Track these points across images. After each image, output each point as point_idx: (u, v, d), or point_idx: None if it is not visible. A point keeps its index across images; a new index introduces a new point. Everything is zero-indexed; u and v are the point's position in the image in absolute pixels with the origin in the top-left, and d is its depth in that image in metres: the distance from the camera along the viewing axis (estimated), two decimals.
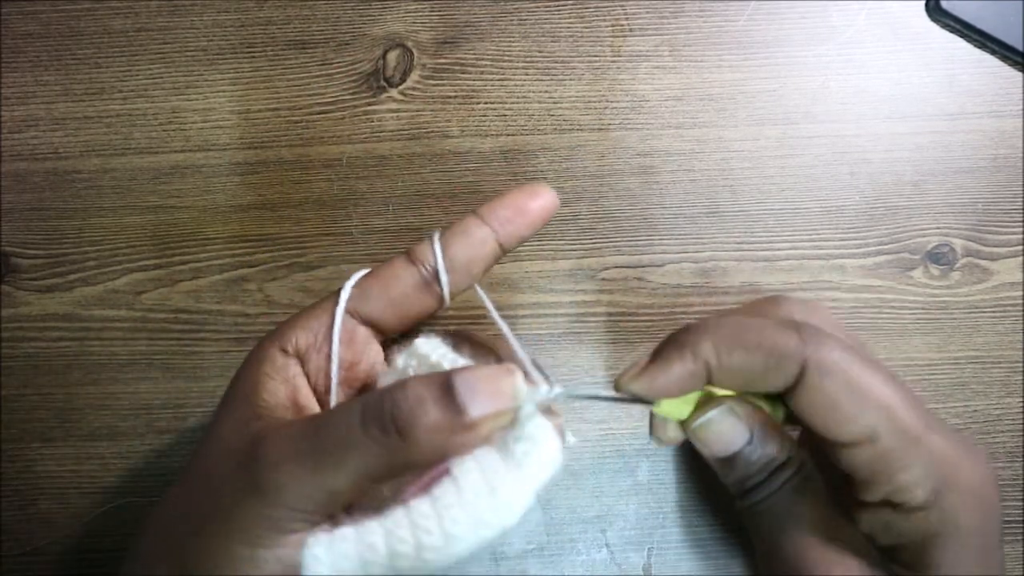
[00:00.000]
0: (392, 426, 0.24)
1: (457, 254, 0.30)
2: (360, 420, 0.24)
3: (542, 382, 0.26)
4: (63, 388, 0.43)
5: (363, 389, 0.32)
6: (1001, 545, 0.27)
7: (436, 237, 0.30)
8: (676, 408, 0.29)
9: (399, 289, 0.30)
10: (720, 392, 0.29)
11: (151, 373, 0.43)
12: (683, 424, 0.30)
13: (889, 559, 0.27)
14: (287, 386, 0.29)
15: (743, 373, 0.27)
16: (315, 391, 0.30)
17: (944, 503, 0.25)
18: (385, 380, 0.30)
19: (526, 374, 0.26)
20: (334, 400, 0.30)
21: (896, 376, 0.27)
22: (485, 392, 0.24)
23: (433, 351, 0.29)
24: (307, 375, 0.30)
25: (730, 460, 0.29)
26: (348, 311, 0.30)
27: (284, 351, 0.29)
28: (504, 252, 0.31)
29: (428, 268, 0.30)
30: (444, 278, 0.30)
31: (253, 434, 0.26)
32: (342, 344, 0.30)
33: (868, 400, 0.25)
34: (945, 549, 0.26)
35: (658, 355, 0.28)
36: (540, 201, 0.31)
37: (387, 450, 0.24)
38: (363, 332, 0.31)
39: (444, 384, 0.24)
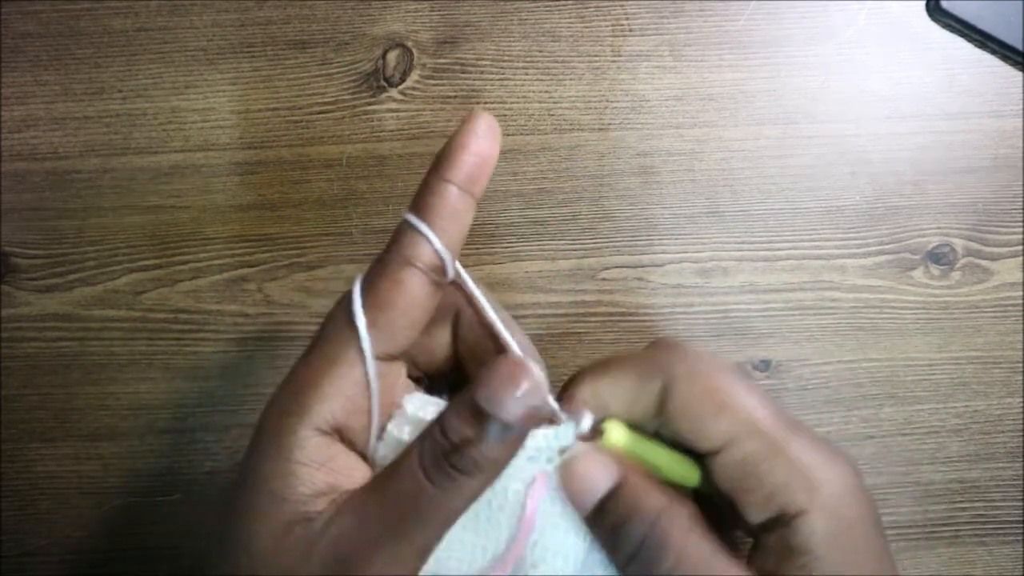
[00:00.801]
0: (457, 472, 0.24)
1: (453, 239, 0.27)
2: (425, 476, 0.24)
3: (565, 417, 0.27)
4: (63, 388, 0.43)
5: None
6: (887, 542, 0.27)
7: (429, 231, 0.26)
8: (617, 436, 0.28)
9: (420, 310, 0.27)
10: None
11: (151, 373, 0.43)
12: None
13: None
14: (323, 471, 0.25)
15: (615, 399, 0.27)
16: (359, 451, 0.27)
17: (822, 502, 0.25)
18: (382, 453, 0.28)
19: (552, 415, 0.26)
20: (375, 464, 0.28)
21: (761, 391, 0.27)
22: (509, 397, 0.24)
23: (423, 409, 0.28)
24: (351, 441, 0.27)
25: (599, 513, 0.26)
26: (377, 356, 0.26)
27: (319, 430, 0.25)
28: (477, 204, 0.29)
29: (431, 268, 0.27)
30: (451, 273, 0.28)
31: (315, 534, 0.24)
32: (380, 394, 0.27)
33: (727, 404, 0.26)
34: (839, 552, 0.25)
35: (562, 401, 0.28)
36: (492, 136, 0.27)
37: (461, 491, 0.24)
38: (394, 372, 0.28)
39: (472, 406, 0.24)
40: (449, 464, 0.24)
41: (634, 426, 0.28)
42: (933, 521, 0.43)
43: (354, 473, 0.26)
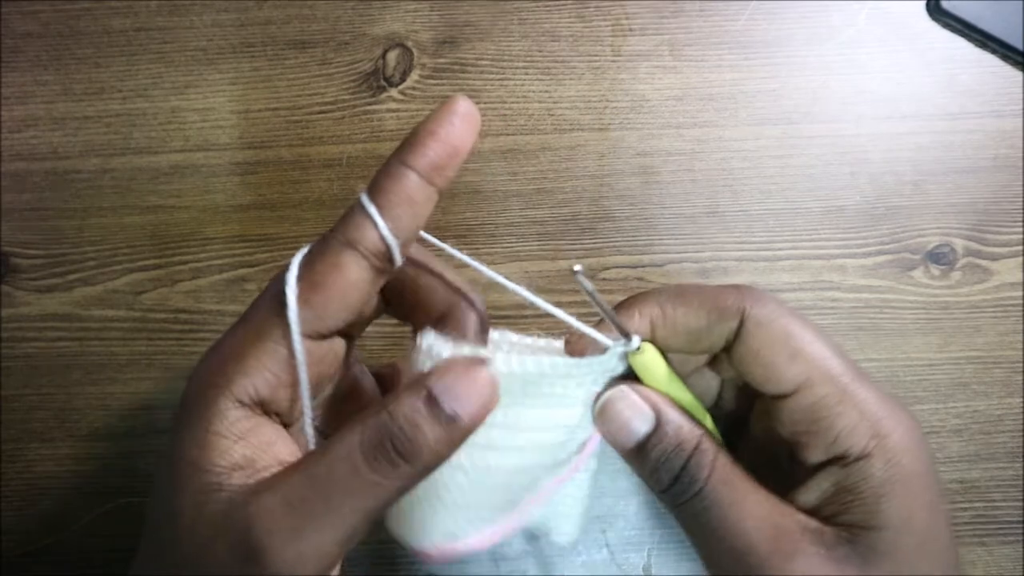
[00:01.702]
0: (399, 457, 0.24)
1: (405, 227, 0.26)
2: (364, 460, 0.23)
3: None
4: (63, 388, 0.43)
5: (350, 395, 0.31)
6: (944, 502, 0.27)
7: (377, 216, 0.25)
8: (654, 366, 0.28)
9: (356, 295, 0.26)
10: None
11: (151, 373, 0.43)
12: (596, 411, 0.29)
13: (841, 529, 0.26)
14: (242, 444, 0.25)
15: (686, 328, 0.28)
16: (287, 425, 0.27)
17: (886, 448, 0.26)
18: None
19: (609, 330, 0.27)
20: (310, 441, 0.27)
21: (832, 340, 0.28)
22: (467, 394, 0.24)
23: (440, 348, 0.27)
24: (277, 413, 0.26)
25: (640, 452, 0.28)
26: (305, 334, 0.25)
27: (240, 402, 0.25)
28: (441, 196, 0.28)
29: (376, 253, 0.26)
30: (399, 261, 0.26)
31: (230, 507, 0.24)
32: (309, 371, 0.26)
33: (801, 349, 0.27)
34: (896, 497, 0.25)
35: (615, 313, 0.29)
36: (466, 125, 0.26)
37: (399, 480, 0.24)
38: (323, 350, 0.27)
39: (428, 398, 0.24)
40: (394, 449, 0.23)
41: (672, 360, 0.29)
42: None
43: (274, 447, 0.25)
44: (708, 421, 0.30)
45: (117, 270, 0.44)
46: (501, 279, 0.28)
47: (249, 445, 0.25)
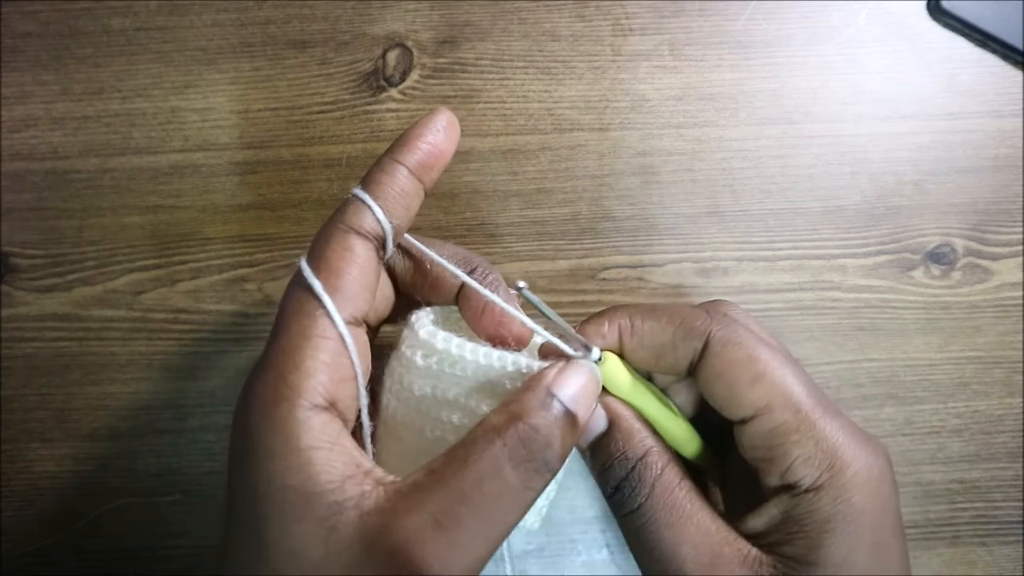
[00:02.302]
0: (547, 468, 0.24)
1: (398, 216, 0.28)
2: (515, 473, 0.24)
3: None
4: (62, 388, 0.43)
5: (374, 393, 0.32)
6: (900, 540, 0.27)
7: (374, 204, 0.27)
8: (616, 375, 0.29)
9: (371, 274, 0.27)
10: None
11: (151, 373, 0.43)
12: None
13: (780, 560, 0.27)
14: (338, 453, 0.24)
15: (651, 341, 0.28)
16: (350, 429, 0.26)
17: (837, 484, 0.26)
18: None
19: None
20: (370, 447, 0.27)
21: (798, 364, 0.28)
22: (585, 396, 0.26)
23: (443, 342, 0.29)
24: (342, 418, 0.26)
25: (592, 452, 0.29)
26: (345, 321, 0.26)
27: (316, 407, 0.24)
28: (426, 195, 0.30)
29: (375, 236, 0.27)
30: (391, 249, 0.28)
31: (367, 531, 0.22)
32: (359, 360, 0.26)
33: (763, 375, 0.27)
34: (838, 534, 0.26)
35: (583, 321, 0.30)
36: (449, 132, 0.29)
37: (543, 487, 0.25)
38: (363, 338, 0.27)
39: (556, 405, 0.25)
40: (544, 459, 0.24)
41: (641, 374, 0.30)
42: (933, 521, 0.43)
43: (358, 454, 0.25)
44: (681, 431, 0.30)
45: (117, 270, 0.44)
46: (473, 283, 0.29)
47: (344, 453, 0.24)
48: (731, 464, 0.32)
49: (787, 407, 0.26)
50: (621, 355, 0.29)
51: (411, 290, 0.32)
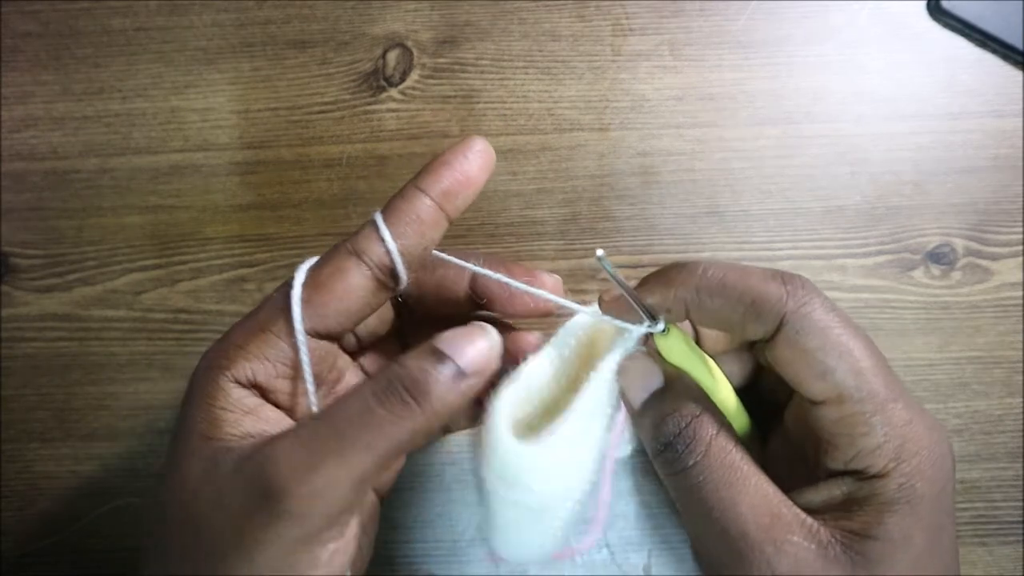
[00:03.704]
0: (408, 395, 0.25)
1: (412, 245, 0.27)
2: (375, 399, 0.24)
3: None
4: (62, 388, 0.43)
5: None
6: (953, 521, 0.27)
7: (385, 230, 0.27)
8: (678, 349, 0.29)
9: (356, 301, 0.27)
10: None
11: (151, 373, 0.43)
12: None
13: (838, 531, 0.26)
14: (250, 418, 0.26)
15: (718, 319, 0.28)
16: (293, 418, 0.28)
17: (902, 471, 0.26)
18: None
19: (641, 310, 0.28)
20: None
21: (872, 343, 0.27)
22: (467, 348, 0.26)
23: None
24: (277, 404, 0.27)
25: (644, 410, 0.29)
26: (305, 330, 0.27)
27: (238, 383, 0.26)
28: (451, 223, 0.29)
29: (380, 267, 0.27)
30: (404, 278, 0.28)
31: (241, 459, 0.24)
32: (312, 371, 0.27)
33: (834, 369, 0.26)
34: (898, 516, 0.25)
35: (644, 283, 0.29)
36: (480, 160, 0.28)
37: (409, 419, 0.25)
38: (325, 347, 0.28)
39: (432, 348, 0.25)
40: (404, 388, 0.25)
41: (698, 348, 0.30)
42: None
43: (283, 424, 0.27)
44: (731, 406, 0.30)
45: (117, 270, 0.44)
46: (518, 284, 0.30)
47: (259, 420, 0.26)
48: (773, 447, 0.31)
49: (857, 400, 0.26)
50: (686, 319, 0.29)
51: (418, 304, 0.32)
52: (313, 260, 0.28)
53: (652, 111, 0.45)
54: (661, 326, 0.28)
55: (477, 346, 0.26)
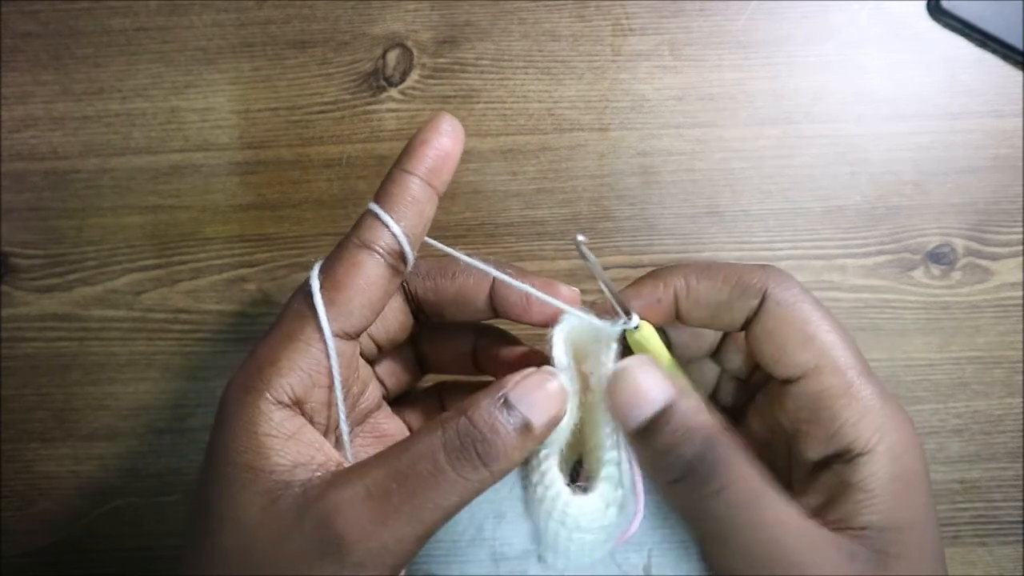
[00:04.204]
0: (479, 460, 0.25)
1: (413, 225, 0.28)
2: (447, 459, 0.24)
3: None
4: (62, 388, 0.43)
5: (366, 418, 0.32)
6: (932, 496, 0.27)
7: (387, 216, 0.27)
8: (650, 344, 0.29)
9: (376, 291, 0.27)
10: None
11: (151, 373, 0.43)
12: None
13: (855, 532, 0.26)
14: (294, 443, 0.25)
15: (708, 301, 0.28)
16: (319, 430, 0.27)
17: (890, 445, 0.26)
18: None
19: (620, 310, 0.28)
20: (348, 449, 0.28)
21: (846, 329, 0.28)
22: (539, 402, 0.26)
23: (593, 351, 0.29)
24: (311, 416, 0.27)
25: (648, 431, 0.26)
26: (334, 333, 0.27)
27: (279, 403, 0.26)
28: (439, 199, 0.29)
29: (390, 252, 0.27)
30: (411, 258, 0.28)
31: (304, 501, 0.24)
32: (339, 370, 0.27)
33: (815, 336, 0.27)
34: (903, 495, 0.26)
35: (635, 283, 0.30)
36: (453, 135, 0.29)
37: (478, 481, 0.25)
38: (349, 351, 0.28)
39: (506, 404, 0.25)
40: (475, 452, 0.25)
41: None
42: None
43: (324, 448, 0.26)
44: None
45: (117, 270, 0.44)
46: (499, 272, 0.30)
47: (301, 443, 0.26)
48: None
49: (836, 370, 0.27)
50: (678, 314, 0.29)
51: (435, 310, 0.32)
52: (318, 264, 0.28)
53: (652, 111, 0.45)
54: (635, 321, 0.29)
55: (549, 398, 0.26)
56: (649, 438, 0.26)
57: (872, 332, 0.44)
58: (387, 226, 0.27)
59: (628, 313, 0.29)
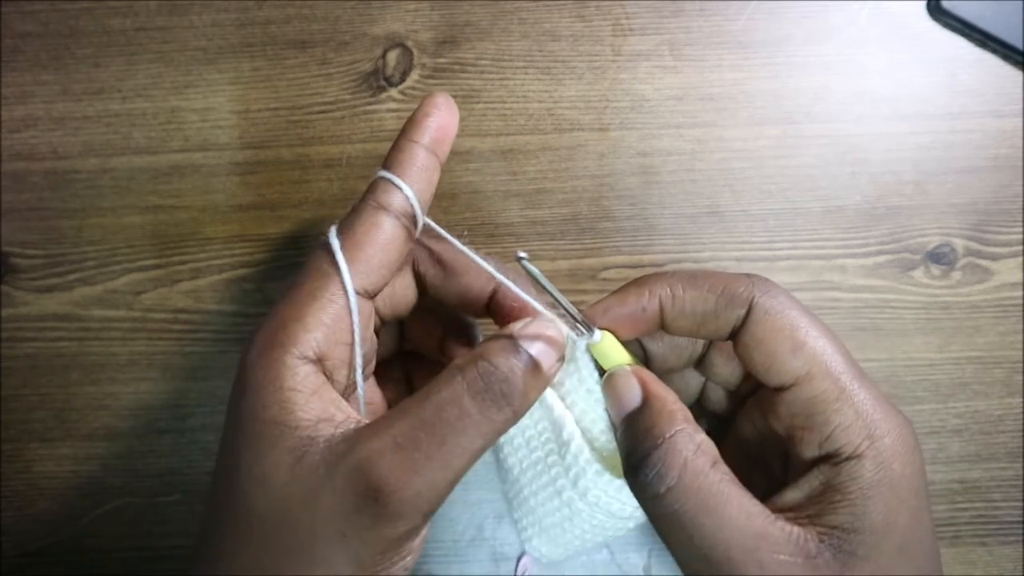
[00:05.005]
0: (504, 400, 0.26)
1: (422, 190, 0.29)
2: (473, 402, 0.25)
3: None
4: (62, 388, 0.43)
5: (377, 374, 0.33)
6: (929, 504, 0.27)
7: (399, 180, 0.29)
8: (612, 352, 0.30)
9: (395, 250, 0.29)
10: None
11: (151, 373, 0.43)
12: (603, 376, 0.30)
13: (823, 530, 0.26)
14: (316, 398, 0.26)
15: (694, 310, 0.29)
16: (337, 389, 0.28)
17: (878, 450, 0.26)
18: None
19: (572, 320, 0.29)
20: (363, 405, 0.29)
21: (835, 334, 0.28)
22: (547, 346, 0.27)
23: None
24: (330, 374, 0.27)
25: (626, 424, 0.28)
26: (356, 291, 0.28)
27: (306, 358, 0.26)
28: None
29: (405, 214, 0.29)
30: (422, 221, 0.30)
31: (332, 456, 0.24)
32: (360, 328, 0.28)
33: (804, 343, 0.27)
34: (881, 500, 0.26)
35: (619, 291, 0.30)
36: (450, 111, 0.30)
37: (502, 420, 0.26)
38: (368, 310, 0.29)
39: (519, 350, 0.26)
40: (501, 391, 0.25)
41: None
42: (934, 521, 0.43)
43: (343, 405, 0.27)
44: None
45: (117, 270, 0.44)
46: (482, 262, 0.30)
47: (323, 400, 0.26)
48: (728, 450, 0.32)
49: (827, 375, 0.27)
50: (663, 323, 0.30)
51: (440, 295, 0.33)
52: (335, 225, 0.29)
53: (652, 111, 0.45)
54: (597, 336, 0.29)
55: (556, 342, 0.28)
56: (626, 430, 0.28)
57: (872, 332, 0.44)
58: (400, 188, 0.29)
59: (590, 329, 0.29)
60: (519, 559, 0.42)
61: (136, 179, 0.45)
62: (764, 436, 0.30)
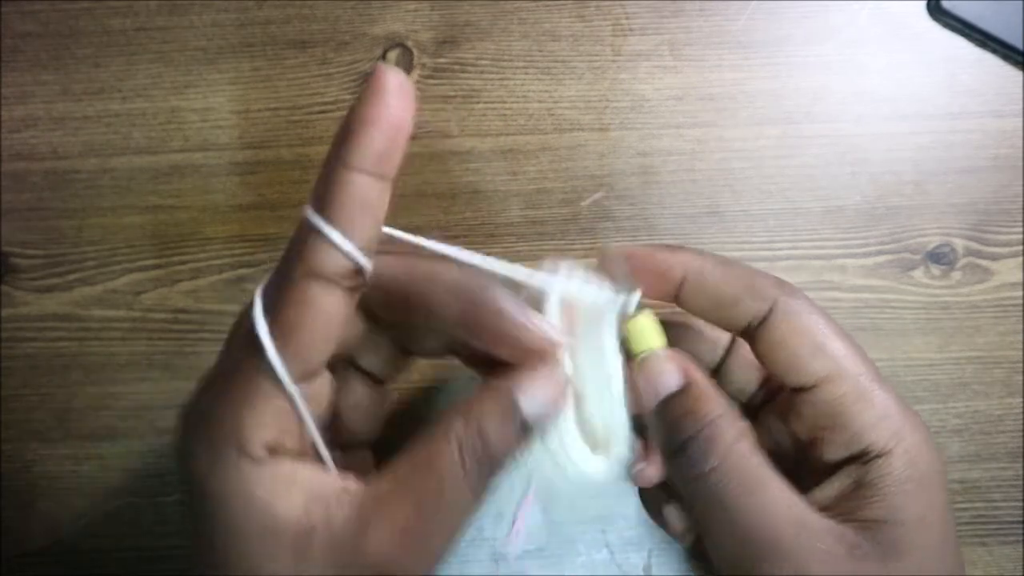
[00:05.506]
0: (492, 475, 0.25)
1: (367, 233, 0.23)
2: (469, 483, 0.24)
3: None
4: (62, 388, 0.43)
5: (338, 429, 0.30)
6: (952, 509, 0.27)
7: (334, 234, 0.22)
8: (649, 333, 0.29)
9: (335, 325, 0.23)
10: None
11: (151, 373, 0.43)
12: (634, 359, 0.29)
13: (860, 524, 0.26)
14: (296, 489, 0.23)
15: (716, 291, 0.28)
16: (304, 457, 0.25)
17: (906, 447, 0.26)
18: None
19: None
20: (333, 468, 0.26)
21: (852, 337, 0.28)
22: (547, 404, 0.26)
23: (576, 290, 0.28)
24: (289, 452, 0.25)
25: (663, 408, 0.28)
26: (294, 381, 0.23)
27: (261, 460, 0.23)
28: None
29: (345, 275, 0.23)
30: (368, 268, 0.23)
31: (339, 554, 0.23)
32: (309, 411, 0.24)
33: (825, 345, 0.27)
34: (915, 495, 0.26)
35: (647, 246, 0.30)
36: (403, 100, 0.23)
37: (493, 489, 0.25)
38: (316, 383, 0.25)
39: (512, 410, 0.25)
40: (491, 473, 0.25)
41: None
42: None
43: (319, 476, 0.24)
44: None
45: (117, 270, 0.44)
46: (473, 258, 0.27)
47: (302, 485, 0.24)
48: None
49: (850, 376, 0.27)
50: (681, 298, 0.29)
51: (393, 329, 0.29)
52: (259, 294, 0.24)
53: (652, 111, 0.45)
54: (637, 296, 0.28)
55: (555, 398, 0.26)
56: (663, 412, 0.27)
57: (872, 332, 0.44)
58: (336, 246, 0.22)
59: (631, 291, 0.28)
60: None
61: (136, 179, 0.45)
62: (778, 446, 0.30)
